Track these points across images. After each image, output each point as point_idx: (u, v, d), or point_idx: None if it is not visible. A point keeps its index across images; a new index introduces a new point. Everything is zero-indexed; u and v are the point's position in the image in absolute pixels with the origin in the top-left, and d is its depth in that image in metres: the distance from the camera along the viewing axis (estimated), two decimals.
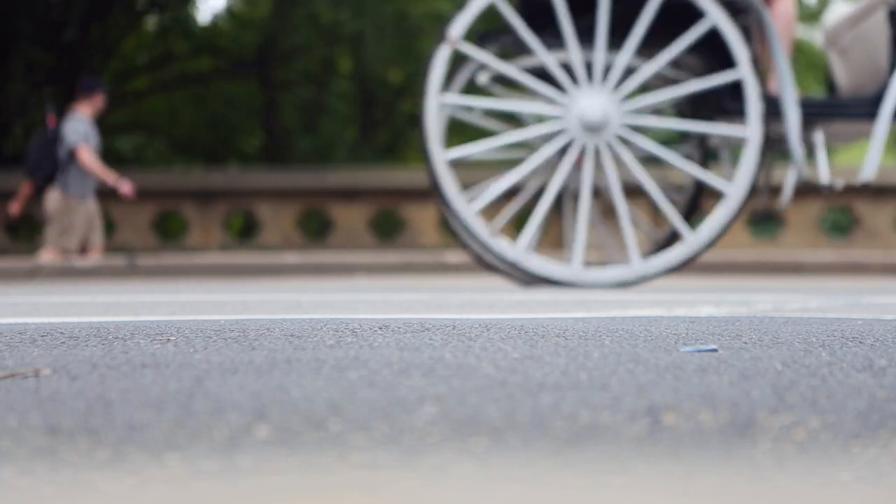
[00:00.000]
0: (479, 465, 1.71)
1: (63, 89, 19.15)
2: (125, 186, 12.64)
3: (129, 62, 21.76)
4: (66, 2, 18.60)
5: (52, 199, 12.64)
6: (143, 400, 2.09)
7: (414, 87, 22.57)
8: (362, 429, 1.89)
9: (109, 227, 16.26)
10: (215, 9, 48.36)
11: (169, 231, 17.63)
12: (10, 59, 17.95)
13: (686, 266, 7.32)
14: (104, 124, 21.58)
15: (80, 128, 12.61)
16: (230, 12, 23.50)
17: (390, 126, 22.90)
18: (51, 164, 12.62)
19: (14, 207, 13.51)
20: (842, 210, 16.33)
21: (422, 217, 15.77)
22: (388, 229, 16.61)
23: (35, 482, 1.66)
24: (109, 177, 12.66)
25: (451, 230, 8.25)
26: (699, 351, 2.71)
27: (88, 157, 12.54)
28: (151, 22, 22.07)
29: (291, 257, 12.81)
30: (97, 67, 19.70)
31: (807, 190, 15.32)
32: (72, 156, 12.55)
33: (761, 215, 16.35)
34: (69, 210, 12.57)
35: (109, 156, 23.09)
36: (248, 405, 2.02)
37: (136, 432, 1.88)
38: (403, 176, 16.55)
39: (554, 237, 15.34)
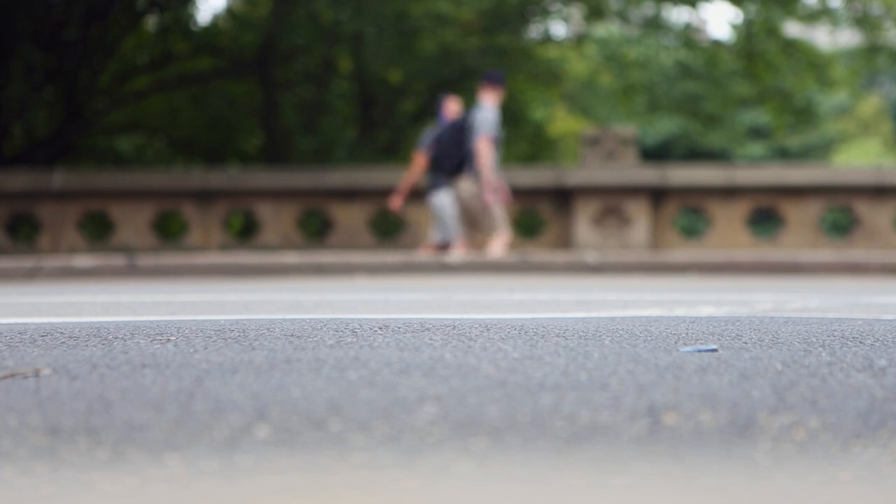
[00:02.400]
0: (479, 465, 1.71)
1: (63, 89, 19.15)
2: (490, 201, 12.69)
3: (129, 62, 21.74)
4: (66, 2, 18.59)
5: (465, 188, 12.70)
6: (143, 400, 2.09)
7: (413, 87, 22.59)
8: (362, 429, 1.89)
9: (109, 227, 16.26)
10: (215, 9, 48.35)
11: (169, 231, 17.62)
12: (10, 59, 17.94)
13: None
14: (104, 124, 21.59)
15: (489, 118, 12.63)
16: (230, 12, 23.48)
17: (390, 126, 22.89)
18: (459, 153, 12.68)
19: (396, 202, 13.50)
20: (842, 210, 16.33)
21: (421, 217, 15.78)
22: (388, 229, 16.61)
23: (35, 482, 1.66)
24: (490, 179, 12.66)
25: None
26: (699, 351, 2.70)
27: (485, 151, 12.56)
28: (151, 22, 22.05)
29: (291, 257, 12.80)
30: (97, 68, 19.69)
31: (806, 189, 15.31)
32: None
33: (761, 215, 16.35)
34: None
35: (110, 156, 23.10)
36: (248, 405, 2.02)
37: (136, 432, 1.88)
38: (403, 176, 16.55)
39: (554, 237, 15.34)
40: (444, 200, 13.01)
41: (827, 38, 26.47)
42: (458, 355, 2.57)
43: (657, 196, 15.31)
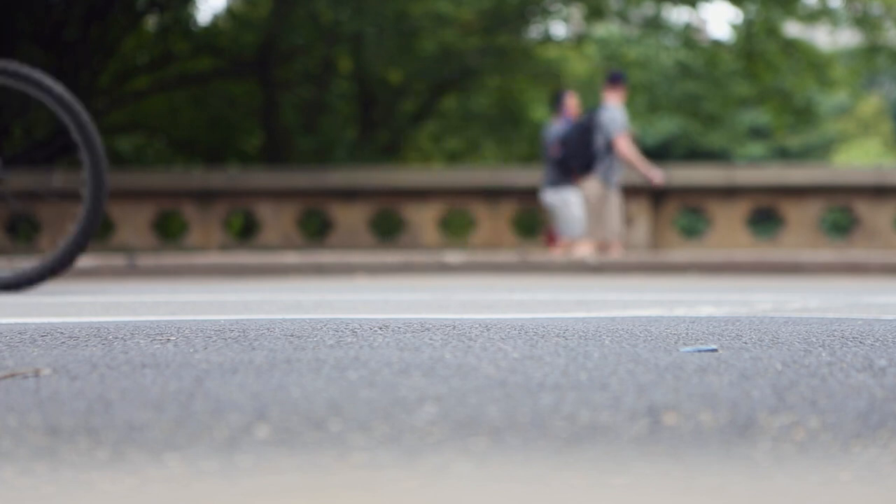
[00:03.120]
0: (479, 465, 1.71)
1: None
2: (657, 177, 12.71)
3: (129, 62, 21.75)
4: (66, 2, 18.59)
5: (590, 188, 12.71)
6: (143, 400, 2.09)
7: (413, 87, 22.59)
8: (362, 429, 1.89)
9: (109, 227, 16.26)
10: (215, 9, 48.34)
11: (169, 231, 17.63)
12: (10, 59, 17.94)
13: None
14: (104, 124, 21.59)
15: (618, 117, 12.65)
16: (230, 12, 23.49)
17: (390, 126, 22.89)
18: (587, 153, 12.69)
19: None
20: (842, 210, 16.34)
21: (422, 217, 15.78)
22: (388, 229, 16.62)
23: (35, 482, 1.66)
24: (644, 166, 12.70)
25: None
26: (699, 351, 2.70)
27: (628, 147, 12.59)
28: (151, 22, 22.06)
29: (291, 257, 12.81)
30: (97, 68, 19.69)
31: (806, 189, 15.31)
32: (610, 145, 12.57)
33: (761, 215, 16.36)
34: (608, 200, 12.67)
35: (109, 156, 23.09)
36: (248, 405, 2.02)
37: (136, 432, 1.88)
38: (403, 176, 16.56)
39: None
40: (567, 198, 12.99)
41: (827, 38, 26.47)
42: (458, 355, 2.57)
43: (657, 196, 15.31)
